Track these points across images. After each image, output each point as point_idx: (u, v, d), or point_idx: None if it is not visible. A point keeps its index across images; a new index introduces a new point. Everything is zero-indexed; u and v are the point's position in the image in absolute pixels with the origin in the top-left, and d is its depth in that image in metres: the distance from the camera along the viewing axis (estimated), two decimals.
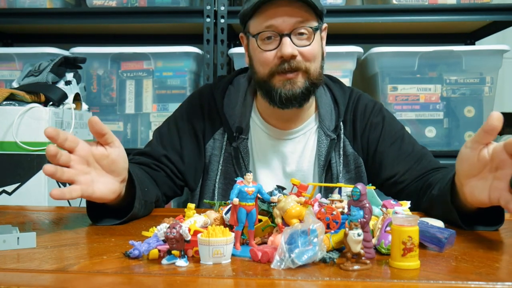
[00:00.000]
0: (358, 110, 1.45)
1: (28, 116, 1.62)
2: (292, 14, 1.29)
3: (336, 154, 1.42)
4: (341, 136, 1.43)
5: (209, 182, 1.45)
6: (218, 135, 1.45)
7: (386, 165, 1.40)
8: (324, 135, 1.42)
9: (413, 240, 0.81)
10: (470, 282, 0.75)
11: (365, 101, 1.47)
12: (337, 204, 0.98)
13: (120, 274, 0.79)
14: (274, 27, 1.30)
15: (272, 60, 1.32)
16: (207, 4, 2.16)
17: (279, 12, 1.29)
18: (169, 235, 0.83)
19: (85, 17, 2.24)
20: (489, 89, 2.12)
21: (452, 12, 2.16)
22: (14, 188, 1.61)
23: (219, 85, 1.49)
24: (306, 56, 1.32)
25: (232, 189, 0.90)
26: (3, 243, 0.93)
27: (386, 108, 1.51)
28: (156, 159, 1.43)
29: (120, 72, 2.16)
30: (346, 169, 1.43)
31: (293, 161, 1.44)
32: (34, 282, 0.77)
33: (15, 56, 2.14)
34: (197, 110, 1.47)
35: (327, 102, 1.46)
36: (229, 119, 1.44)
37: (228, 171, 1.43)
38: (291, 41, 1.30)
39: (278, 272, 0.79)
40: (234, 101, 1.46)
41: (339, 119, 1.43)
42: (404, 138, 1.43)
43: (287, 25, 1.30)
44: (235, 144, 1.42)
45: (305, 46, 1.32)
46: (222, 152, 1.43)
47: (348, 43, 2.15)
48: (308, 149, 1.45)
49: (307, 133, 1.45)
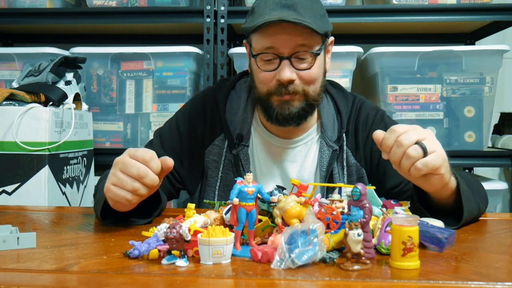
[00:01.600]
0: (360, 120, 1.43)
1: (28, 116, 1.62)
2: (293, 37, 1.25)
3: (338, 165, 1.40)
4: (343, 148, 1.41)
5: (209, 189, 1.44)
6: (218, 141, 1.43)
7: (390, 174, 1.37)
8: (326, 145, 1.40)
9: (413, 240, 0.81)
10: (470, 282, 0.75)
11: (367, 110, 1.45)
12: (337, 204, 0.98)
13: (120, 274, 0.80)
14: (275, 49, 1.27)
15: (271, 81, 1.30)
16: (207, 4, 2.15)
17: (280, 33, 1.25)
18: (169, 235, 0.83)
19: (85, 17, 2.24)
20: (489, 89, 2.12)
21: (452, 12, 2.16)
22: (14, 188, 1.61)
23: (221, 90, 1.47)
24: (305, 80, 1.30)
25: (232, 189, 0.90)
26: (3, 243, 0.93)
27: (388, 115, 1.48)
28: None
29: (120, 72, 2.16)
30: (349, 180, 1.41)
31: (293, 170, 1.42)
32: (34, 282, 0.77)
33: (15, 56, 2.14)
34: (200, 114, 1.46)
35: (330, 112, 1.44)
36: (230, 126, 1.42)
37: (228, 178, 1.41)
38: (290, 64, 1.27)
39: (278, 272, 0.79)
40: (236, 107, 1.44)
41: (342, 130, 1.41)
42: None
43: (287, 48, 1.26)
44: (235, 152, 1.40)
45: (305, 69, 1.29)
46: (222, 159, 1.42)
47: (348, 43, 2.15)
48: (309, 159, 1.43)
49: (308, 142, 1.43)
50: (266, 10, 1.26)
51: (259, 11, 1.28)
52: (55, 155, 1.67)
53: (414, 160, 0.99)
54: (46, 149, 1.62)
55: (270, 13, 1.25)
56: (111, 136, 2.17)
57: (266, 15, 1.25)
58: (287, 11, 1.25)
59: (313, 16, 1.27)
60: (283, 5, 1.26)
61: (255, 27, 1.25)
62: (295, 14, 1.24)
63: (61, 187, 1.70)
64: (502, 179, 2.76)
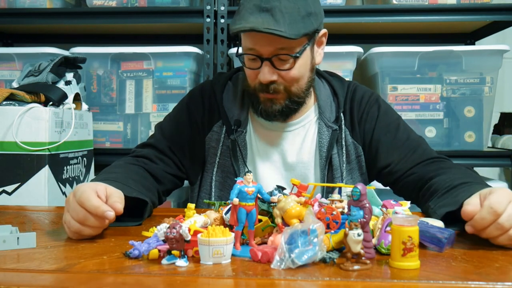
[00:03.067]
0: (355, 100, 1.46)
1: (28, 116, 1.62)
2: (272, 41, 1.26)
3: (338, 145, 1.43)
4: (342, 127, 1.43)
5: (206, 175, 1.46)
6: (216, 128, 1.46)
7: (381, 153, 1.41)
8: (325, 126, 1.43)
9: (413, 240, 0.81)
10: (470, 282, 0.75)
11: (362, 91, 1.48)
12: (337, 204, 0.98)
13: (120, 274, 0.80)
14: (256, 51, 1.30)
15: (255, 78, 1.34)
16: (207, 4, 2.16)
17: (260, 37, 1.26)
18: (169, 235, 0.83)
19: (85, 17, 2.24)
20: (489, 89, 2.12)
21: (452, 12, 2.16)
22: (14, 188, 1.61)
23: (219, 80, 1.51)
24: (287, 80, 1.32)
25: (232, 189, 0.90)
26: (3, 243, 0.93)
27: (383, 99, 1.51)
28: (160, 150, 1.44)
29: (120, 72, 2.16)
30: (348, 159, 1.43)
31: (292, 153, 1.44)
32: (34, 282, 0.77)
33: (15, 56, 2.14)
34: (198, 102, 1.48)
35: (326, 93, 1.47)
36: (228, 113, 1.44)
37: (226, 164, 1.43)
38: (271, 64, 1.29)
39: (278, 272, 0.79)
40: (233, 96, 1.47)
41: (340, 110, 1.44)
42: (399, 127, 1.43)
43: (266, 51, 1.28)
44: (233, 137, 1.42)
45: (285, 69, 1.31)
46: (220, 145, 1.44)
47: (348, 43, 2.15)
48: (308, 140, 1.45)
49: (306, 125, 1.46)
50: (246, 13, 1.27)
51: (241, 12, 1.29)
52: (55, 155, 1.67)
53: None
54: (46, 149, 1.62)
55: (248, 18, 1.25)
56: (111, 136, 2.18)
57: (243, 20, 1.26)
58: (263, 16, 1.24)
59: (291, 19, 1.25)
60: (261, 9, 1.25)
61: (232, 31, 1.27)
62: (271, 20, 1.24)
63: (61, 187, 1.70)
64: (502, 179, 2.76)
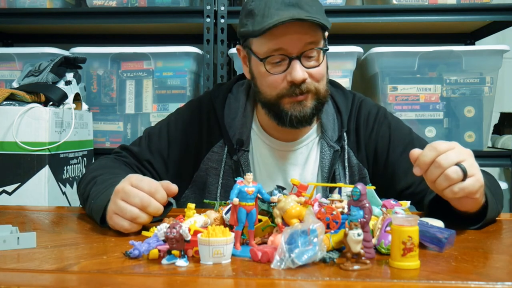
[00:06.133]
0: (361, 118, 1.40)
1: (28, 116, 1.62)
2: (301, 36, 1.22)
3: (340, 165, 1.37)
4: (345, 147, 1.38)
5: (209, 196, 1.41)
6: (217, 148, 1.41)
7: (400, 175, 1.34)
8: (327, 146, 1.37)
9: (413, 240, 0.81)
10: (470, 282, 0.75)
11: (368, 107, 1.42)
12: (337, 204, 0.98)
13: (120, 274, 0.80)
14: (283, 50, 1.23)
15: (281, 83, 1.26)
16: (207, 4, 2.15)
17: (288, 34, 1.22)
18: (169, 235, 0.83)
19: (85, 17, 2.24)
20: (489, 89, 2.12)
21: (452, 12, 2.16)
22: (14, 188, 1.61)
23: (218, 94, 1.44)
24: (316, 77, 1.27)
25: (232, 189, 0.90)
26: (3, 243, 0.93)
27: (389, 112, 1.45)
28: (139, 162, 1.41)
29: (120, 72, 2.16)
30: (351, 180, 1.38)
31: (295, 173, 1.39)
32: (34, 282, 0.77)
33: (15, 56, 2.14)
34: (195, 122, 1.43)
35: (330, 111, 1.41)
36: (229, 131, 1.39)
37: (229, 184, 1.37)
38: (300, 64, 1.24)
39: (278, 272, 0.79)
40: (234, 111, 1.41)
41: (343, 129, 1.38)
42: (414, 143, 1.35)
43: (296, 48, 1.23)
44: (235, 157, 1.37)
45: (314, 67, 1.26)
46: (222, 166, 1.39)
47: (348, 43, 2.15)
48: (311, 160, 1.40)
49: (309, 144, 1.40)
50: (270, 11, 1.21)
51: (261, 13, 1.23)
52: (55, 155, 1.67)
53: (452, 182, 0.97)
54: (46, 149, 1.62)
55: (277, 13, 1.20)
56: (111, 136, 2.17)
57: (274, 16, 1.20)
58: (293, 9, 1.21)
59: (318, 11, 1.25)
60: (288, 3, 1.22)
61: (264, 29, 1.20)
62: (303, 12, 1.21)
63: (61, 187, 1.70)
64: (502, 179, 2.76)
